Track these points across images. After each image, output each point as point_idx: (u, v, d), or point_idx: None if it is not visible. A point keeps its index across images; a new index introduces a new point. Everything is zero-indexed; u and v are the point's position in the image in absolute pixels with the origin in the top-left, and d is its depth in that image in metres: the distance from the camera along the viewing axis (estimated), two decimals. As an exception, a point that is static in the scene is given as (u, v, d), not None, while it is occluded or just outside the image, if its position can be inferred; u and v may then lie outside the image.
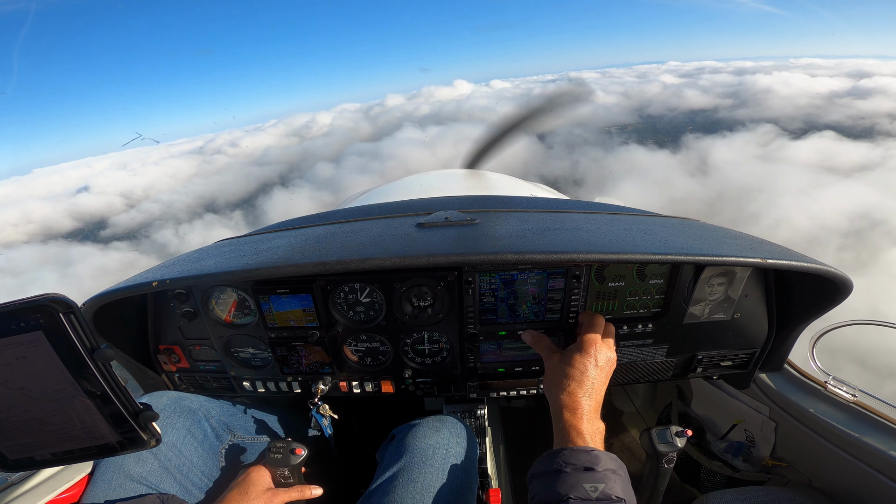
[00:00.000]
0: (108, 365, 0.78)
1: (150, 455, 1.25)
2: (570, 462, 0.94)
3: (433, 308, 1.38)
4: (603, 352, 1.14)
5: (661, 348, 1.47)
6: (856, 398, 1.36)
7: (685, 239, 1.33)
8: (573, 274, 1.31)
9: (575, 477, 0.91)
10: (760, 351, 1.50)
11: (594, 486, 0.90)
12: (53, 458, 0.85)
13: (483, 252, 1.14)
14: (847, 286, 1.22)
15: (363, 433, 2.19)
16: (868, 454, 1.25)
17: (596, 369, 1.11)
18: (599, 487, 0.89)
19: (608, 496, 0.89)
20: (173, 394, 1.46)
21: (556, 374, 1.14)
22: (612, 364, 1.16)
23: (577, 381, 1.10)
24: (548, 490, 0.92)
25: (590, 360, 1.12)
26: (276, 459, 1.30)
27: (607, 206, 2.07)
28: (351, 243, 1.30)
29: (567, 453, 0.96)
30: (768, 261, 1.14)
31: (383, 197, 3.26)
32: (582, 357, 1.12)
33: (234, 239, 1.73)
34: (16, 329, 0.70)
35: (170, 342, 1.48)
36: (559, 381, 1.12)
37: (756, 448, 1.68)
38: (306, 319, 1.39)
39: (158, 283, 1.20)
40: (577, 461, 0.94)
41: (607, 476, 0.92)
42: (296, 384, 1.52)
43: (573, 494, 0.88)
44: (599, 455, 0.96)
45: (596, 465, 0.93)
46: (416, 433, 1.35)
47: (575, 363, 1.12)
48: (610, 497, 0.89)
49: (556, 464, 0.95)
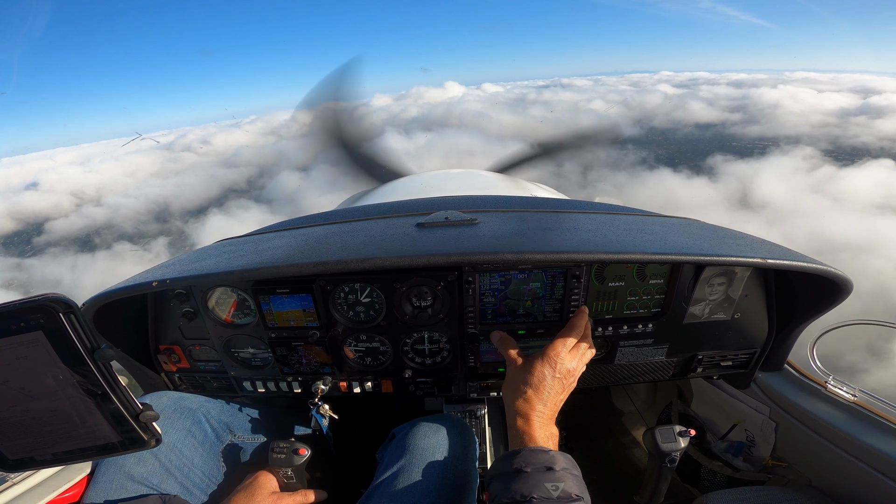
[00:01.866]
0: (108, 365, 0.78)
1: (150, 455, 1.25)
2: (529, 462, 0.96)
3: (433, 308, 1.38)
4: (564, 362, 1.14)
5: (662, 348, 1.47)
6: (856, 398, 1.36)
7: (685, 239, 1.33)
8: (573, 274, 1.31)
9: (536, 477, 0.94)
10: (760, 351, 1.50)
11: (555, 485, 0.92)
12: (53, 458, 0.85)
13: (483, 252, 1.14)
14: (847, 286, 1.22)
15: (363, 433, 2.19)
16: (868, 454, 1.25)
17: (554, 379, 1.13)
18: (560, 486, 0.92)
19: (568, 495, 0.92)
20: (173, 394, 1.46)
21: (515, 380, 1.16)
22: (572, 375, 1.16)
23: (533, 389, 1.11)
24: (510, 490, 0.94)
25: (548, 369, 1.13)
26: (280, 460, 1.30)
27: (607, 206, 2.07)
28: (351, 243, 1.30)
29: (526, 453, 0.99)
30: (768, 261, 1.14)
31: (383, 197, 3.26)
32: (542, 365, 1.13)
33: (234, 239, 1.73)
34: (16, 329, 0.70)
35: (170, 342, 1.48)
36: (517, 387, 1.14)
37: (756, 448, 1.68)
38: (306, 319, 1.39)
39: (158, 283, 1.20)
40: (536, 461, 0.96)
41: (565, 475, 0.95)
42: (296, 384, 1.52)
43: (536, 494, 0.91)
44: (556, 455, 0.98)
45: (554, 464, 0.96)
46: (416, 433, 1.35)
47: (535, 371, 1.13)
48: (570, 496, 0.92)
49: (515, 464, 0.97)
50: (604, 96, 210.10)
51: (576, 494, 0.92)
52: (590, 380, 1.55)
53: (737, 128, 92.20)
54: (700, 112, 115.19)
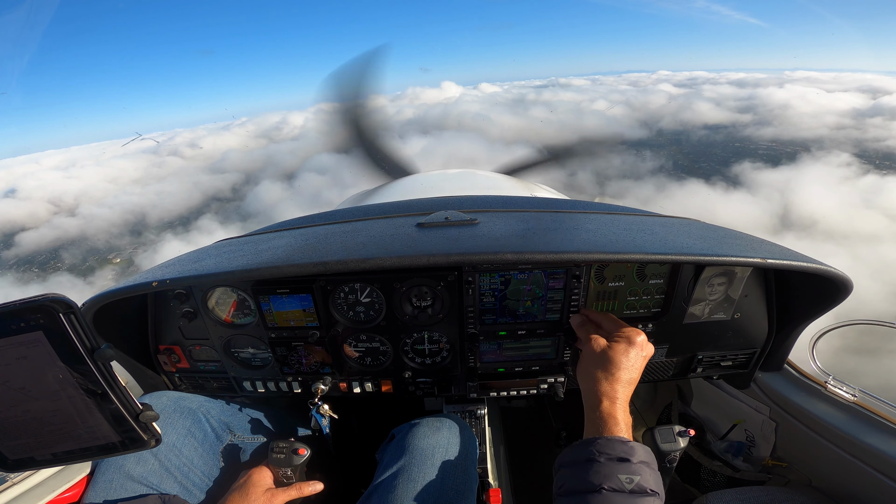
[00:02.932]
0: (108, 365, 0.78)
1: (150, 455, 1.25)
2: (604, 452, 0.92)
3: (433, 308, 1.38)
4: (648, 347, 1.14)
5: (662, 348, 1.47)
6: (856, 398, 1.36)
7: (685, 239, 1.33)
8: (573, 274, 1.31)
9: (609, 467, 0.89)
10: (760, 351, 1.50)
11: (629, 477, 0.87)
12: (53, 458, 0.85)
13: (483, 252, 1.14)
14: (847, 286, 1.21)
15: (363, 433, 2.19)
16: (868, 454, 1.25)
17: (640, 361, 1.11)
18: (634, 479, 0.87)
19: (643, 489, 0.87)
20: (173, 394, 1.46)
21: (601, 359, 1.12)
22: (648, 358, 1.15)
23: (622, 370, 1.08)
24: (579, 479, 0.90)
25: (636, 351, 1.11)
26: (279, 459, 1.30)
27: (607, 206, 2.07)
28: (351, 243, 1.30)
29: (602, 442, 0.94)
30: (768, 261, 1.14)
31: (383, 197, 3.27)
32: (629, 347, 1.11)
33: (234, 239, 1.73)
34: (16, 329, 0.70)
35: (170, 342, 1.48)
36: (604, 367, 1.09)
37: (756, 448, 1.68)
38: (306, 319, 1.39)
39: (158, 283, 1.20)
40: (611, 451, 0.92)
41: (642, 468, 0.90)
42: (296, 384, 1.52)
43: (607, 485, 0.86)
44: (634, 446, 0.94)
45: (631, 456, 0.91)
46: (416, 433, 1.35)
47: (621, 351, 1.10)
48: (645, 490, 0.87)
49: (589, 453, 0.93)
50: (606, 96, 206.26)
51: (651, 489, 0.87)
52: None
53: (750, 130, 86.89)
54: (709, 113, 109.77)
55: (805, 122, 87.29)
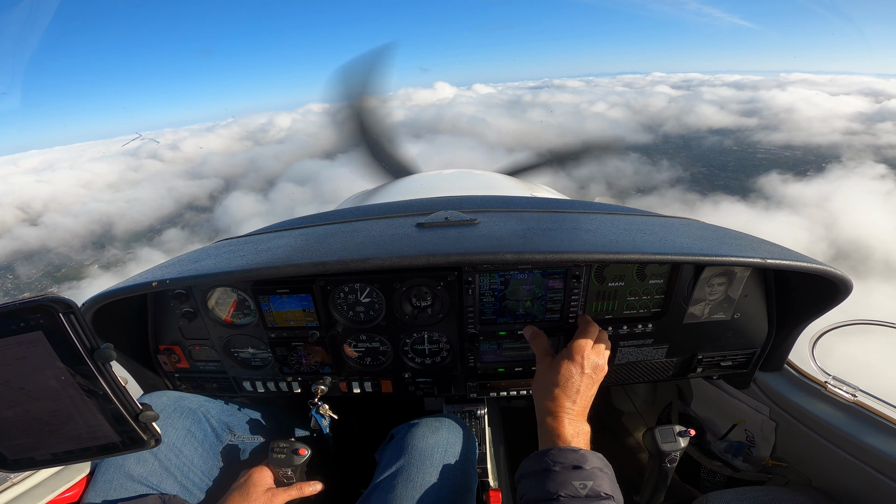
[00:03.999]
0: (108, 365, 0.78)
1: (150, 455, 1.25)
2: (558, 461, 0.96)
3: (433, 308, 1.38)
4: (591, 359, 1.16)
5: (661, 348, 1.47)
6: (856, 398, 1.36)
7: (685, 239, 1.33)
8: (573, 274, 1.31)
9: (564, 475, 0.94)
10: (760, 351, 1.50)
11: (583, 483, 0.92)
12: (53, 458, 0.85)
13: (483, 252, 1.14)
14: (847, 286, 1.21)
15: (363, 433, 2.19)
16: (868, 454, 1.25)
17: (582, 376, 1.14)
18: (588, 485, 0.92)
19: (597, 493, 0.91)
20: (173, 394, 1.46)
21: (544, 378, 1.17)
22: (600, 371, 1.18)
23: (561, 387, 1.12)
24: (538, 489, 0.94)
25: (576, 367, 1.14)
26: (280, 460, 1.30)
27: (607, 206, 2.07)
28: (351, 243, 1.30)
29: (555, 452, 0.99)
30: (768, 261, 1.14)
31: (383, 197, 3.27)
32: (569, 364, 1.15)
33: (234, 239, 1.73)
34: (16, 329, 0.70)
35: (170, 342, 1.48)
36: (545, 386, 1.15)
37: (756, 448, 1.68)
38: (306, 319, 1.39)
39: (158, 283, 1.20)
40: (564, 460, 0.96)
41: (595, 473, 0.95)
42: (296, 384, 1.52)
43: (563, 492, 0.90)
44: (586, 454, 0.98)
45: (583, 463, 0.96)
46: (416, 433, 1.35)
47: (562, 369, 1.14)
48: (599, 494, 0.91)
49: (544, 463, 0.97)
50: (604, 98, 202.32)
51: (605, 493, 0.92)
52: None
53: (759, 135, 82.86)
54: (713, 117, 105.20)
55: (815, 126, 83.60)
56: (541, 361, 1.24)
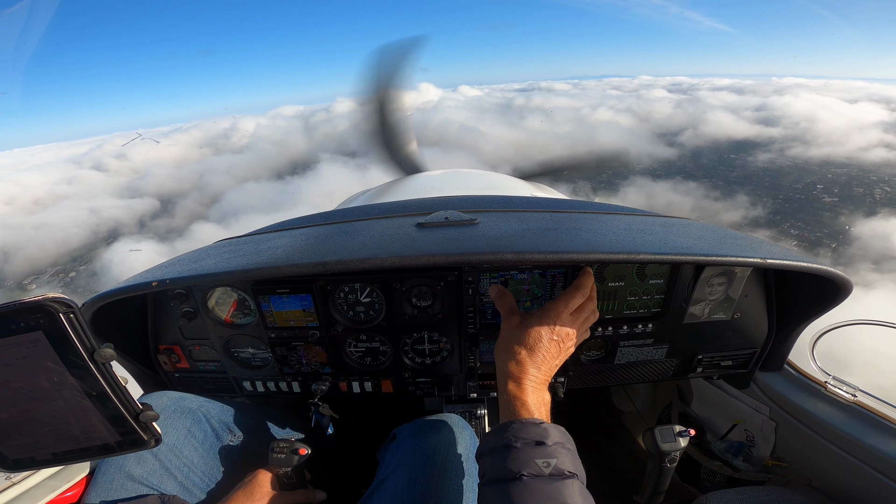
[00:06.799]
0: (108, 365, 0.78)
1: (150, 455, 1.25)
2: (519, 436, 0.91)
3: (433, 308, 1.38)
4: (564, 323, 1.06)
5: (662, 348, 1.47)
6: (856, 398, 1.36)
7: (685, 239, 1.33)
8: (573, 274, 1.31)
9: (526, 452, 0.88)
10: (760, 351, 1.50)
11: (546, 461, 0.87)
12: (53, 458, 0.85)
13: (483, 252, 1.14)
14: (847, 287, 1.22)
15: (363, 433, 2.19)
16: (868, 454, 1.25)
17: (551, 341, 1.05)
18: (552, 462, 0.87)
19: (561, 471, 0.86)
20: (173, 394, 1.46)
21: (509, 339, 1.08)
22: (570, 339, 1.08)
23: (528, 350, 1.03)
24: (500, 467, 0.89)
25: (546, 329, 1.04)
26: (280, 459, 1.30)
27: (607, 206, 2.07)
28: (351, 243, 1.30)
29: (516, 427, 0.93)
30: (768, 261, 1.14)
31: (383, 197, 3.26)
32: (539, 325, 1.05)
33: (234, 239, 1.73)
34: (15, 329, 0.70)
35: (170, 342, 1.48)
36: (510, 348, 1.06)
37: (756, 448, 1.68)
38: (306, 319, 1.39)
39: (158, 283, 1.20)
40: (526, 435, 0.91)
41: (557, 450, 0.89)
42: (296, 384, 1.52)
43: (526, 471, 0.85)
44: (548, 428, 0.92)
45: (546, 438, 0.90)
46: (417, 433, 1.35)
47: (531, 331, 1.04)
48: (563, 472, 0.86)
49: (506, 439, 0.91)
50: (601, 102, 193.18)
51: (569, 471, 0.87)
52: (589, 380, 1.55)
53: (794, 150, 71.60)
54: (732, 127, 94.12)
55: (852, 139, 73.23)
56: (506, 320, 1.12)
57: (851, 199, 49.93)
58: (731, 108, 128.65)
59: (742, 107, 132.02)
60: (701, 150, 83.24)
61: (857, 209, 45.39)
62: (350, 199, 3.85)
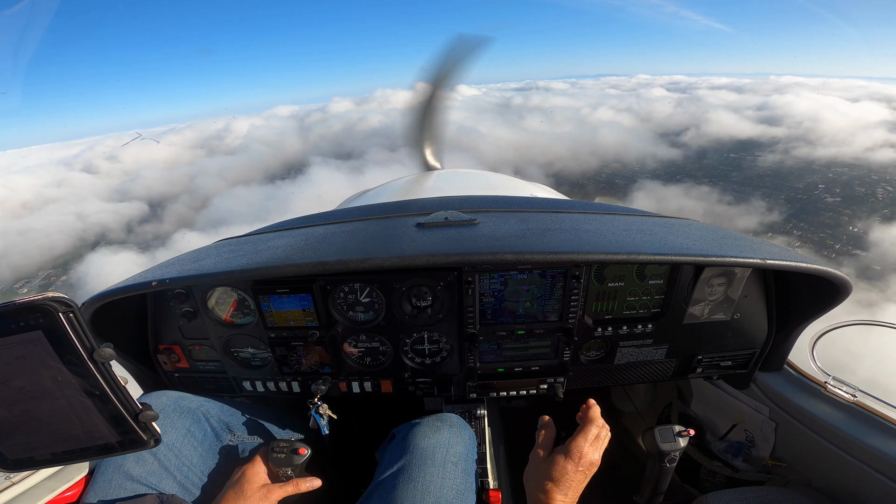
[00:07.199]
0: (108, 365, 0.77)
1: (149, 455, 1.25)
2: None
3: (433, 308, 1.38)
4: (587, 456, 1.17)
5: (661, 349, 1.47)
6: (856, 398, 1.36)
7: (685, 239, 1.33)
8: (573, 274, 1.31)
9: None
10: (760, 351, 1.50)
11: None
12: (53, 457, 0.84)
13: (483, 252, 1.14)
14: (846, 287, 1.22)
15: (363, 433, 2.19)
16: (868, 454, 1.25)
17: (577, 472, 1.15)
18: None
19: None
20: (173, 394, 1.46)
21: (538, 471, 1.19)
22: (593, 467, 1.19)
23: (554, 482, 1.14)
24: None
25: (571, 464, 1.15)
26: (280, 459, 1.30)
27: (607, 207, 2.07)
28: (351, 243, 1.30)
29: None
30: (768, 261, 1.14)
31: (383, 197, 3.26)
32: (566, 461, 1.15)
33: (234, 239, 1.73)
34: (15, 329, 0.70)
35: (169, 342, 1.48)
36: (538, 479, 1.17)
37: (756, 448, 1.68)
38: (306, 319, 1.39)
39: (158, 282, 1.20)
40: None
41: None
42: (295, 384, 1.52)
43: None
44: None
45: None
46: (416, 433, 1.34)
47: (557, 465, 1.15)
48: None
49: None
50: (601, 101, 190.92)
51: None
52: (589, 380, 1.55)
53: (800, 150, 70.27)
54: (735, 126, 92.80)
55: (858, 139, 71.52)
56: (535, 453, 1.23)
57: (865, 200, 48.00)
58: (732, 107, 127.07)
59: (743, 106, 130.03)
60: (705, 150, 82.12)
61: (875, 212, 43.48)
62: (350, 199, 3.85)
